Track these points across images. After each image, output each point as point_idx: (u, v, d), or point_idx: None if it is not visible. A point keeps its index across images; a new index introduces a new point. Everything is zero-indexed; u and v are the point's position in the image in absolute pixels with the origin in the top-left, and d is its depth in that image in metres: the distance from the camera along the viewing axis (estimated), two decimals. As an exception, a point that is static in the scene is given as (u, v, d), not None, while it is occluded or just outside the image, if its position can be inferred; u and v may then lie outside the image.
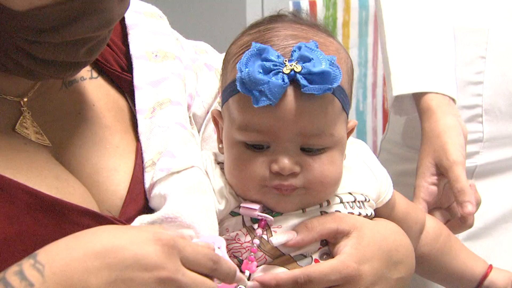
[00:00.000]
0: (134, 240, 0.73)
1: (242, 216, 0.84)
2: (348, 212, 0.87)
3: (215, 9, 2.12)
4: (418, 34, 1.19)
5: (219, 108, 0.94)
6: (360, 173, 0.88)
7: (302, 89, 0.75)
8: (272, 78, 0.77)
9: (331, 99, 0.79)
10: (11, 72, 0.79)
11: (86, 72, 0.89)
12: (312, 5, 2.03)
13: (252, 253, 0.82)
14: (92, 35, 0.77)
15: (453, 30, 1.20)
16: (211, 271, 0.73)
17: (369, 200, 0.88)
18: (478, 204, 1.06)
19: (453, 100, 1.14)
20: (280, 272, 0.80)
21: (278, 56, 0.77)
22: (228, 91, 0.82)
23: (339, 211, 0.87)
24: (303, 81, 0.75)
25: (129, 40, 0.93)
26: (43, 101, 0.85)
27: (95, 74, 0.90)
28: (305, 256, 0.83)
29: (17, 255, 0.72)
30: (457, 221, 1.07)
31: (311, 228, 0.83)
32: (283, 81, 0.75)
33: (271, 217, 0.81)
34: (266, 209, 0.84)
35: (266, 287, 0.79)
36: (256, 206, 0.81)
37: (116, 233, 0.74)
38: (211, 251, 0.75)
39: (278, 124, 0.78)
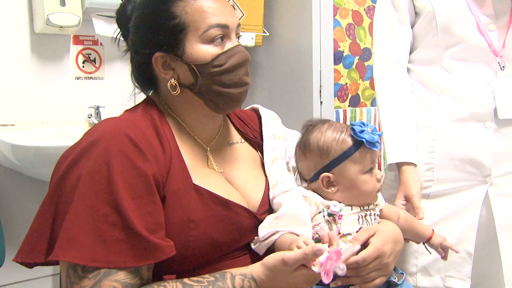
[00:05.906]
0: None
1: (323, 214, 0.99)
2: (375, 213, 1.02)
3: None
4: (398, 128, 1.42)
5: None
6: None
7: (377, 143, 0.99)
8: (375, 136, 1.00)
9: None
10: (210, 108, 0.96)
11: (239, 139, 1.08)
12: (344, 112, 2.40)
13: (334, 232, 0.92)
14: (245, 79, 0.96)
15: (417, 126, 1.44)
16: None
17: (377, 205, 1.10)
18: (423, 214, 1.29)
19: (415, 164, 1.39)
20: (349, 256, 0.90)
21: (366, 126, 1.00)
22: (344, 156, 0.99)
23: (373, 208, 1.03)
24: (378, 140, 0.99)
25: (262, 128, 1.14)
26: (218, 152, 1.04)
27: (243, 141, 1.10)
28: (350, 234, 0.99)
29: (206, 225, 0.90)
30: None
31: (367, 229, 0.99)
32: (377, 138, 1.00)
33: (340, 213, 0.99)
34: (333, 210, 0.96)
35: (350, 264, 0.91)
36: (337, 209, 0.96)
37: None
38: (310, 247, 0.87)
39: (376, 156, 1.01)
